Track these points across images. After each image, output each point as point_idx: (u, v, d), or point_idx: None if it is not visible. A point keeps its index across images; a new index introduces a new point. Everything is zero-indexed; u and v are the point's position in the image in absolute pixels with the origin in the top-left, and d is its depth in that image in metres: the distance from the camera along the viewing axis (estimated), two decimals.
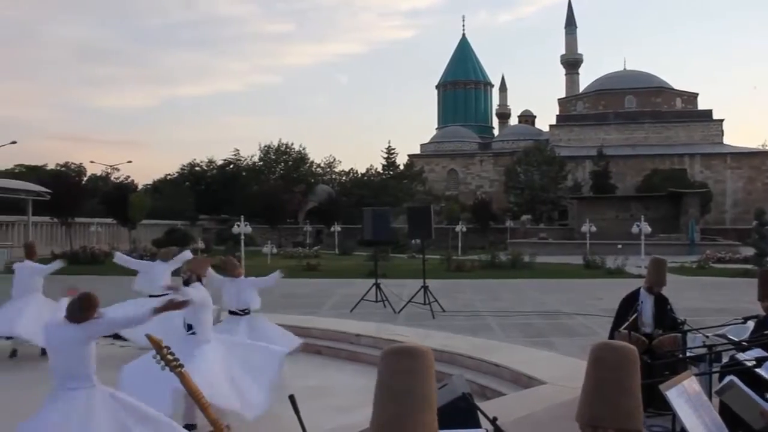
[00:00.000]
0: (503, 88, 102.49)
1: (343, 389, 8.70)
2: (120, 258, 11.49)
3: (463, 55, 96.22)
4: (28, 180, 34.53)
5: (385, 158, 71.51)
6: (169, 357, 2.02)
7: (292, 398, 2.41)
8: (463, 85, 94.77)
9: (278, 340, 8.84)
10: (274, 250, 36.64)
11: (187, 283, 7.15)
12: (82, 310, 4.80)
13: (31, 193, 26.79)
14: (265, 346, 7.39)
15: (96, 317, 4.88)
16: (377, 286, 15.61)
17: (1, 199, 30.32)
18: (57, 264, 11.53)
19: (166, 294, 10.30)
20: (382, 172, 70.96)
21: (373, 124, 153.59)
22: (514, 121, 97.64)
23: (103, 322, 5.01)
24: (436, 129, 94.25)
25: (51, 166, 61.93)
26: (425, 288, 14.85)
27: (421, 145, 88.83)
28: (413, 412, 1.96)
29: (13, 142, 64.09)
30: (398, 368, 2.01)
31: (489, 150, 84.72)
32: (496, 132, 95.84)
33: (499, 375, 8.70)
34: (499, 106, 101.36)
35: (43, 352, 10.22)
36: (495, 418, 3.02)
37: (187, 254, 11.17)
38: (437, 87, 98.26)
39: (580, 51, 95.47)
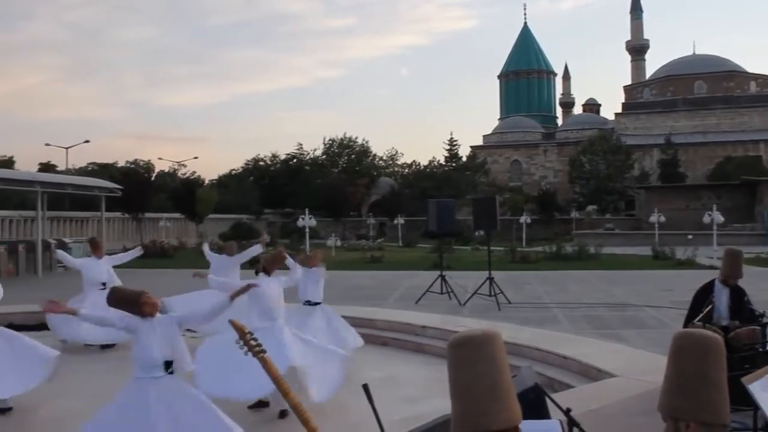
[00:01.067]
0: (566, 76, 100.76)
1: (410, 380, 8.72)
2: (205, 250, 12.14)
3: (525, 44, 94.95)
4: (100, 177, 35.70)
5: (447, 150, 71.27)
6: (252, 342, 2.07)
7: (365, 387, 2.42)
8: (526, 75, 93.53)
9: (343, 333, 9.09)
10: (338, 243, 36.95)
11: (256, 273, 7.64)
12: None
13: (104, 189, 27.64)
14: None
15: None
16: (442, 277, 15.56)
17: (76, 196, 31.42)
18: (136, 251, 12.29)
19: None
20: (444, 164, 70.74)
21: (435, 116, 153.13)
22: (578, 110, 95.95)
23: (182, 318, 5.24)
24: (499, 119, 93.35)
25: (121, 163, 63.99)
26: (491, 279, 14.72)
27: (484, 136, 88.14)
28: (483, 404, 1.89)
29: (86, 141, 66.39)
30: (460, 361, 1.95)
31: (553, 140, 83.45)
32: (559, 122, 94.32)
33: (567, 367, 8.57)
34: (562, 95, 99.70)
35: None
36: (569, 410, 2.98)
37: (256, 248, 11.59)
38: (499, 77, 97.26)
39: (646, 36, 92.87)
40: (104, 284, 10.85)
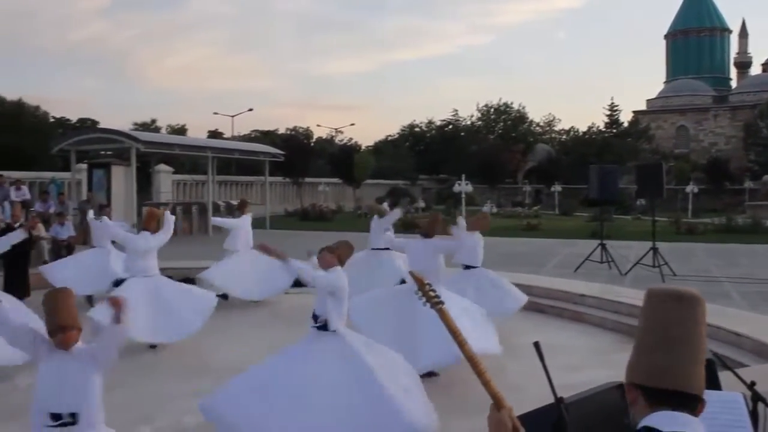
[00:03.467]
0: (743, 33, 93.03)
1: (569, 348, 8.53)
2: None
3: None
4: (262, 144, 37.39)
5: (607, 115, 68.49)
6: (431, 293, 2.09)
7: (536, 345, 2.39)
8: (696, 33, 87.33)
9: (507, 293, 9.14)
10: (494, 210, 36.67)
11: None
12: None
13: (268, 155, 28.89)
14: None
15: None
16: (602, 246, 15.06)
17: (242, 161, 33.18)
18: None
19: (387, 248, 11.00)
20: (604, 129, 68.06)
21: (594, 81, 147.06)
22: (756, 70, 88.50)
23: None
24: (664, 83, 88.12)
25: (282, 130, 66.49)
26: (655, 249, 14.06)
27: (648, 100, 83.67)
28: (688, 365, 1.83)
29: (250, 110, 69.91)
30: (673, 315, 1.87)
31: (725, 104, 77.75)
32: (733, 84, 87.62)
33: (739, 345, 8.06)
34: (737, 54, 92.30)
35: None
36: (753, 383, 2.80)
37: (396, 213, 11.82)
38: (665, 37, 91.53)
39: None
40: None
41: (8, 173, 21.04)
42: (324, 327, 5.36)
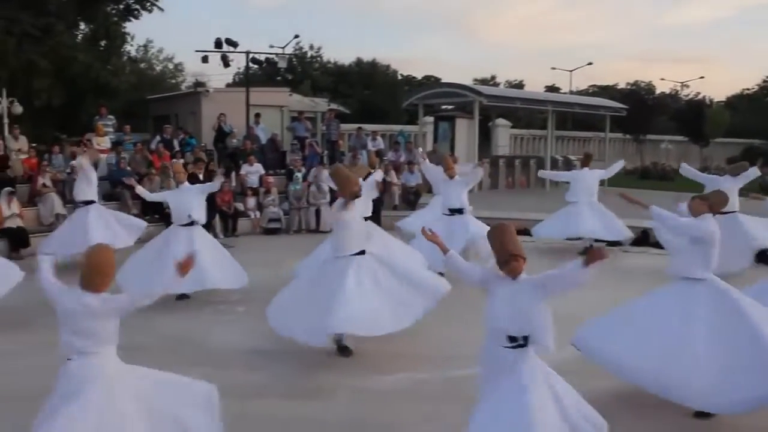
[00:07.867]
0: None
1: None
2: (686, 170, 11.91)
3: None
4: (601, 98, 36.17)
5: None
6: None
7: None
8: None
9: None
10: None
11: None
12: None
13: (609, 109, 28.01)
14: None
15: None
16: None
17: (578, 116, 32.57)
18: (619, 164, 12.99)
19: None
20: None
21: None
22: None
23: None
24: None
25: (621, 85, 63.55)
26: None
27: None
28: None
29: (589, 64, 68.04)
30: None
31: None
32: None
33: None
34: None
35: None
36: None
37: (753, 171, 11.13)
38: None
39: None
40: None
41: (366, 126, 23.19)
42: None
